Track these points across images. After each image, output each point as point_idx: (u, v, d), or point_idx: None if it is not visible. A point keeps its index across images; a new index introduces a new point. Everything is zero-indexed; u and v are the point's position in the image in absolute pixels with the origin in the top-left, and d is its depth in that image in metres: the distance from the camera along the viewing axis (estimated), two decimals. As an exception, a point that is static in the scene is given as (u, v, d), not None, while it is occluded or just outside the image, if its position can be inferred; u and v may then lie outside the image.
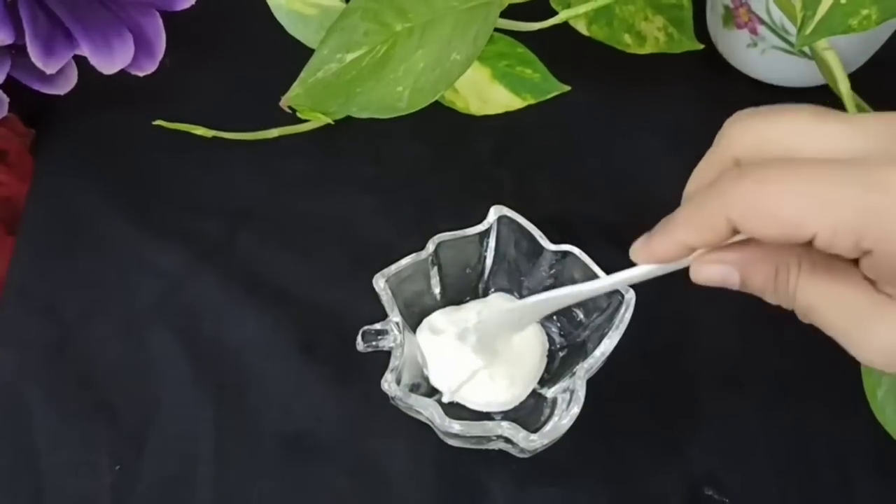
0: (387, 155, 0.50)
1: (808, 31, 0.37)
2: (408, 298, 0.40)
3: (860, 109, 0.43)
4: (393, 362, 0.37)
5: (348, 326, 0.39)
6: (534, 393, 0.40)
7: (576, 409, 0.36)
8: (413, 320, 0.41)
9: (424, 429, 0.40)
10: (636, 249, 0.32)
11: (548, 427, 0.36)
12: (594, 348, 0.38)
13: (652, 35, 0.49)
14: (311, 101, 0.43)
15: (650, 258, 0.31)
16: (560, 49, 0.46)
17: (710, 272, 0.30)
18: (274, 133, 0.48)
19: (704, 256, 0.30)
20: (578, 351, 0.40)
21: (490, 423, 0.36)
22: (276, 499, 0.40)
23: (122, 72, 0.45)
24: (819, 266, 0.29)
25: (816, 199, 0.26)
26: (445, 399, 0.40)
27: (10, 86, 0.44)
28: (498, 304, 0.42)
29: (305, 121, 0.47)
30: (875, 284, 0.28)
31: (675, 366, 0.43)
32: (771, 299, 0.31)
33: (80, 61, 0.44)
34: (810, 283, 0.29)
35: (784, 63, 0.49)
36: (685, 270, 0.33)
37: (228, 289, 0.45)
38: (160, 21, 0.45)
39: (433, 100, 0.42)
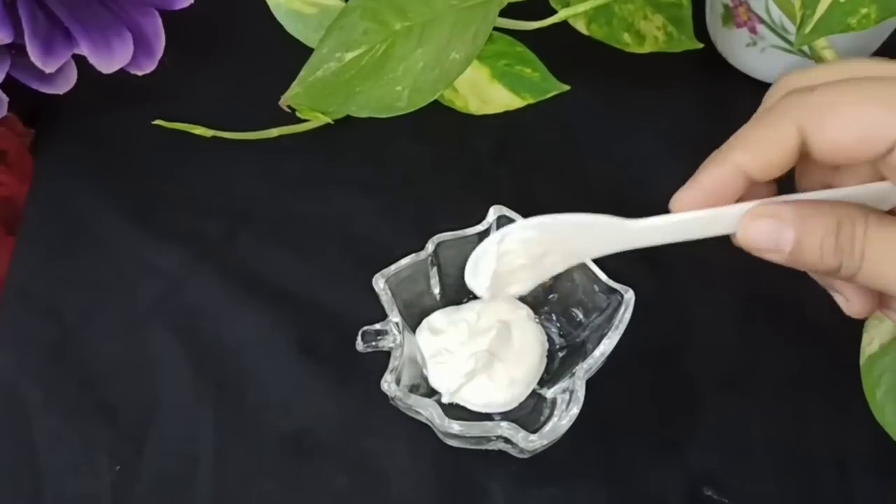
0: (387, 155, 0.50)
1: (808, 29, 0.37)
2: (407, 299, 0.40)
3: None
4: (392, 363, 0.37)
5: (348, 326, 0.39)
6: (533, 393, 0.40)
7: (575, 410, 0.36)
8: (413, 321, 0.41)
9: (424, 429, 0.40)
10: (679, 194, 0.28)
11: (547, 427, 0.36)
12: (594, 348, 0.38)
13: (651, 34, 0.49)
14: (310, 101, 0.43)
15: (696, 197, 0.27)
16: (559, 48, 0.46)
17: (761, 229, 0.27)
18: (274, 133, 0.48)
19: (757, 209, 0.27)
20: (578, 351, 0.40)
21: (489, 424, 0.36)
22: (276, 499, 0.40)
23: (122, 71, 0.45)
24: (887, 218, 0.26)
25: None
26: (445, 400, 0.40)
27: (10, 85, 0.44)
28: (498, 303, 0.42)
29: (305, 120, 0.47)
30: None
31: (675, 366, 0.43)
32: (829, 262, 0.26)
33: (80, 61, 0.44)
34: (881, 232, 0.26)
35: (783, 62, 0.49)
36: (684, 272, 0.33)
37: (228, 289, 0.45)
38: (159, 20, 0.45)
39: (432, 99, 0.41)
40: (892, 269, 0.26)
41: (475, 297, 0.43)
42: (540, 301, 0.42)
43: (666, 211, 0.31)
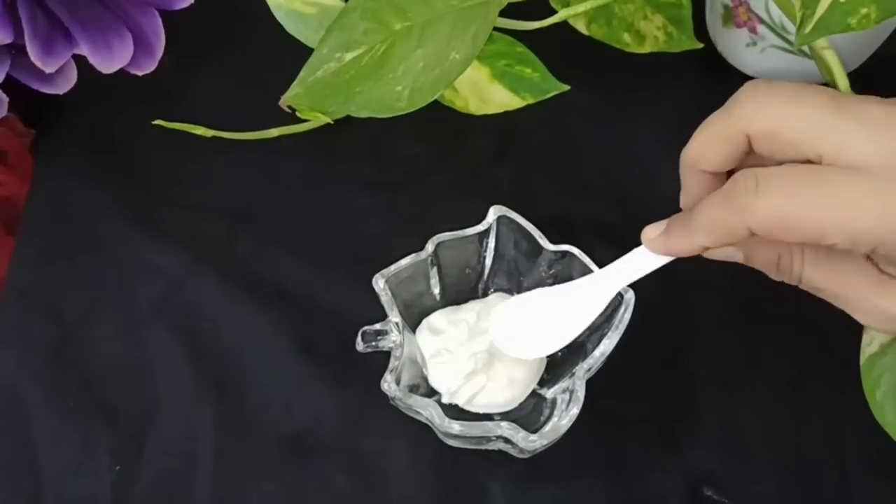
0: (386, 155, 0.50)
1: (808, 29, 0.37)
2: (407, 299, 0.40)
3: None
4: (392, 363, 0.37)
5: (348, 326, 0.39)
6: (533, 393, 0.40)
7: (575, 410, 0.36)
8: (413, 321, 0.41)
9: (424, 429, 0.40)
10: (653, 240, 0.34)
11: (547, 427, 0.36)
12: (594, 349, 0.38)
13: (651, 34, 0.49)
14: (310, 101, 0.43)
15: (668, 252, 0.34)
16: (559, 48, 0.46)
17: (715, 254, 0.33)
18: (274, 133, 0.48)
19: None
20: (578, 351, 0.40)
21: (490, 424, 0.36)
22: (276, 498, 0.40)
23: (122, 71, 0.44)
24: (822, 252, 0.31)
25: (837, 212, 0.28)
26: (445, 400, 0.40)
27: (10, 85, 0.43)
28: (498, 304, 0.42)
29: (305, 120, 0.47)
30: (878, 265, 0.30)
31: (675, 366, 0.43)
32: (773, 277, 0.33)
33: (80, 61, 0.44)
34: (815, 269, 0.31)
35: (783, 62, 0.49)
36: (684, 272, 0.33)
37: (228, 289, 0.45)
38: (159, 20, 0.45)
39: (432, 99, 0.41)
40: (822, 294, 0.32)
41: (475, 297, 0.43)
42: (540, 301, 0.42)
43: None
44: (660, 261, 0.35)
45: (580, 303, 0.38)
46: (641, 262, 0.35)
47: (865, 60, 0.50)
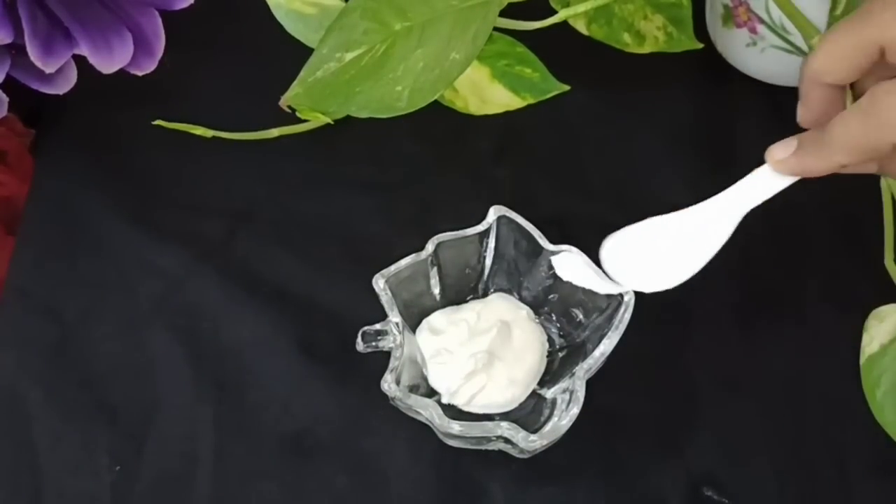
0: (386, 155, 0.50)
1: (839, 10, 0.37)
2: (407, 299, 0.40)
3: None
4: (392, 363, 0.37)
5: (348, 326, 0.39)
6: (533, 393, 0.40)
7: (575, 410, 0.36)
8: (413, 321, 0.41)
9: (424, 429, 0.40)
10: (782, 161, 0.33)
11: (547, 427, 0.36)
12: (594, 349, 0.38)
13: (651, 34, 0.49)
14: (310, 101, 0.43)
15: (801, 172, 0.32)
16: (559, 48, 0.46)
17: (848, 168, 0.32)
18: (274, 133, 0.48)
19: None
20: (578, 351, 0.40)
21: (490, 424, 0.36)
22: (276, 498, 0.40)
23: (122, 71, 0.44)
24: None
25: None
26: (445, 400, 0.40)
27: (10, 85, 0.43)
28: (498, 303, 0.42)
29: (305, 121, 0.47)
30: None
31: (675, 366, 0.43)
32: None
33: (80, 61, 0.44)
34: None
35: (783, 62, 0.49)
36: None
37: (228, 289, 0.45)
38: (159, 20, 0.45)
39: (432, 99, 0.41)
40: None
41: (475, 297, 0.43)
42: (540, 301, 0.42)
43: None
44: (785, 181, 0.33)
45: (703, 229, 0.36)
46: (766, 183, 0.34)
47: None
